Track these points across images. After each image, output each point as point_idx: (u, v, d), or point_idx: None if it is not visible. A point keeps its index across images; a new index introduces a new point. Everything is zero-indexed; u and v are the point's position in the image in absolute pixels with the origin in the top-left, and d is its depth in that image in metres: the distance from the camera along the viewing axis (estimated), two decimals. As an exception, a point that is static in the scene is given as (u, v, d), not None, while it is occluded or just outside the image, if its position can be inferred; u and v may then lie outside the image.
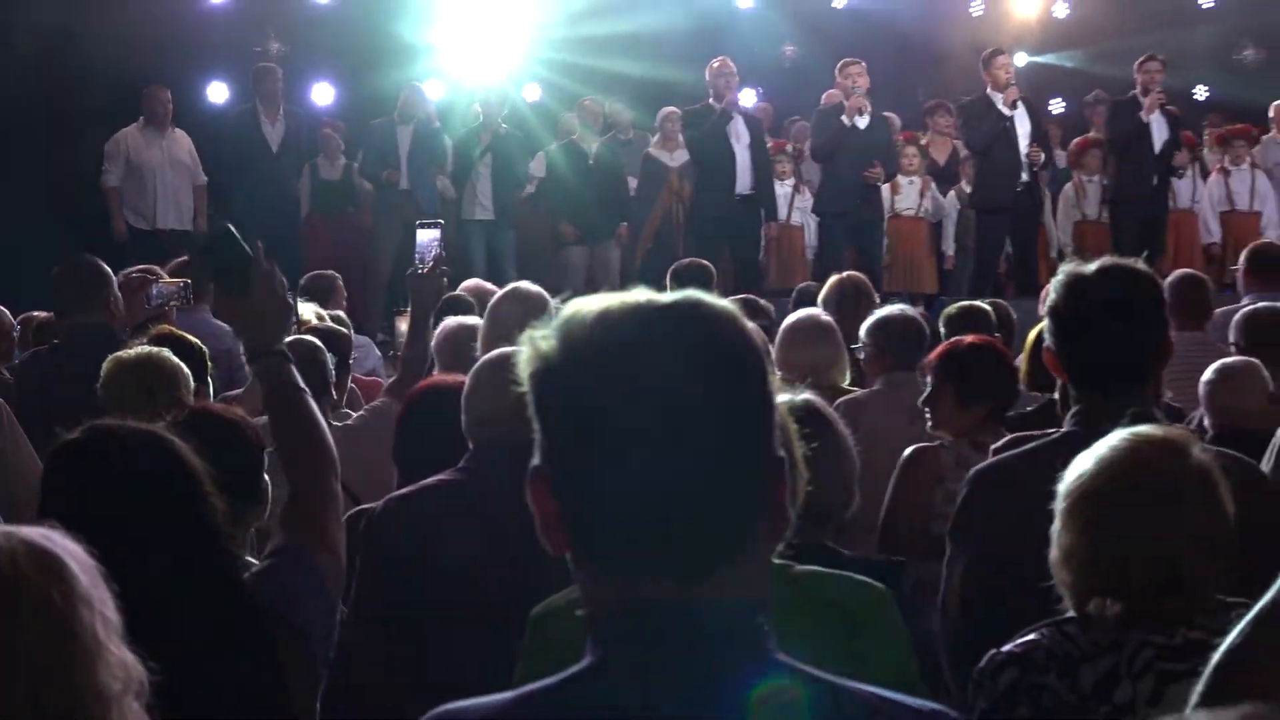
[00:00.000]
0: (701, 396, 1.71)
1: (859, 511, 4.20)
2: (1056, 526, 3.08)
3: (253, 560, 3.63)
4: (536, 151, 15.02)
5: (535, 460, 1.77)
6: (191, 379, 5.05)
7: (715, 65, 13.70)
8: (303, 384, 3.33)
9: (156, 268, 8.46)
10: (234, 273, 3.39)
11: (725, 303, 1.79)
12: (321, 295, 8.73)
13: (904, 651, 3.15)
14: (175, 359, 5.01)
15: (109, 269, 7.16)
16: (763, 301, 8.73)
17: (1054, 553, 3.08)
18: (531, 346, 1.75)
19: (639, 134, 15.39)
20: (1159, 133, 13.86)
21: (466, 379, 4.23)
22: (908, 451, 5.38)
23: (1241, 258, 9.80)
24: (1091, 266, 4.00)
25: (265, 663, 2.95)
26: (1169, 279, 8.44)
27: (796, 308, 7.67)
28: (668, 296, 1.78)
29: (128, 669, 2.04)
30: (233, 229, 3.50)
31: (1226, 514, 3.03)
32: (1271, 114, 15.66)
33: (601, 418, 1.71)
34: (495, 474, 3.70)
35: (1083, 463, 3.10)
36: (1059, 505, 3.08)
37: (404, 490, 4.15)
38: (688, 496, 1.70)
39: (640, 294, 1.78)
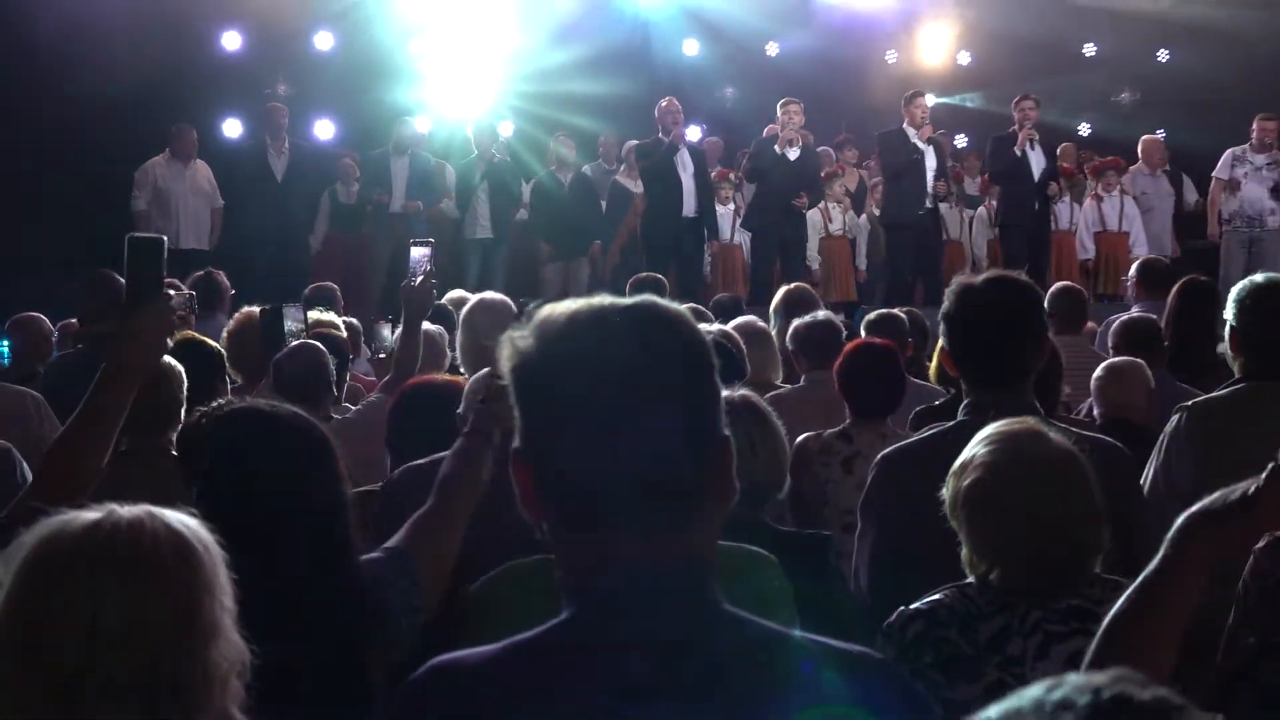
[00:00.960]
0: (658, 384, 1.73)
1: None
2: (953, 505, 3.08)
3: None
4: (523, 178, 14.99)
5: (516, 443, 1.78)
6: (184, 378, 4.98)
7: (664, 104, 13.67)
8: (493, 437, 3.21)
9: (177, 281, 8.49)
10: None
11: (677, 305, 1.81)
12: (323, 304, 8.73)
13: (786, 612, 3.11)
14: (176, 367, 4.92)
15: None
16: (704, 309, 8.71)
17: (956, 527, 3.09)
18: (511, 345, 1.77)
19: (616, 165, 15.35)
20: (1037, 163, 13.90)
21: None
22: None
23: (1132, 270, 9.85)
24: (980, 278, 4.01)
25: (361, 643, 2.92)
26: (1050, 290, 8.50)
27: (719, 317, 7.66)
28: (628, 300, 1.82)
29: (236, 651, 2.03)
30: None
31: (1093, 491, 3.03)
32: (1140, 149, 15.76)
33: (572, 403, 1.73)
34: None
35: (970, 451, 3.10)
36: (955, 487, 3.08)
37: (415, 462, 4.08)
38: (647, 469, 1.71)
39: (604, 298, 1.79)
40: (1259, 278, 4.95)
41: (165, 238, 3.41)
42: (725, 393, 3.92)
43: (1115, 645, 2.27)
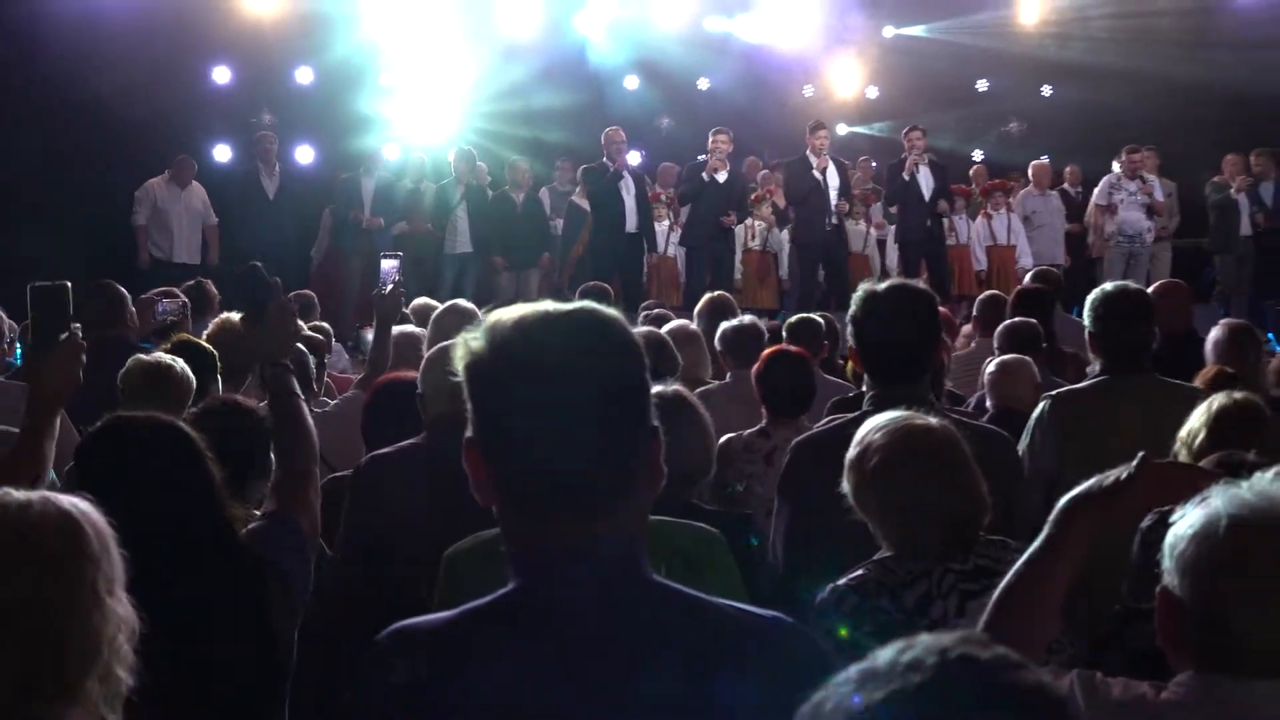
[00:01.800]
0: (594, 380, 1.72)
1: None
2: (859, 488, 3.12)
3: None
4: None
5: (469, 433, 1.77)
6: (192, 378, 4.96)
7: (608, 133, 13.62)
8: (298, 389, 3.31)
9: (175, 290, 8.43)
10: (256, 301, 3.39)
11: (612, 310, 1.81)
12: (304, 309, 8.72)
13: (734, 581, 3.13)
14: (179, 365, 4.91)
15: (126, 291, 7.09)
16: (667, 312, 8.70)
17: (861, 509, 3.12)
18: (464, 346, 1.76)
19: (573, 188, 15.28)
20: (926, 185, 13.94)
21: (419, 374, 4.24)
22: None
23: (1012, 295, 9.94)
24: (882, 285, 4.02)
25: (253, 598, 2.94)
26: (980, 297, 8.55)
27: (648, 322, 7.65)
28: (569, 305, 1.80)
29: (121, 618, 2.01)
30: (259, 267, 3.45)
31: (973, 467, 3.07)
32: (1031, 172, 15.89)
33: (518, 398, 1.72)
34: (444, 442, 3.84)
35: (866, 439, 3.14)
36: (859, 471, 3.11)
37: (382, 450, 4.09)
38: (585, 456, 1.71)
39: (548, 304, 1.79)
40: (1109, 287, 5.05)
41: (70, 284, 3.39)
42: (659, 387, 3.95)
43: (1007, 611, 2.30)
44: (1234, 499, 2.07)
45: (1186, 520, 2.10)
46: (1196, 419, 3.62)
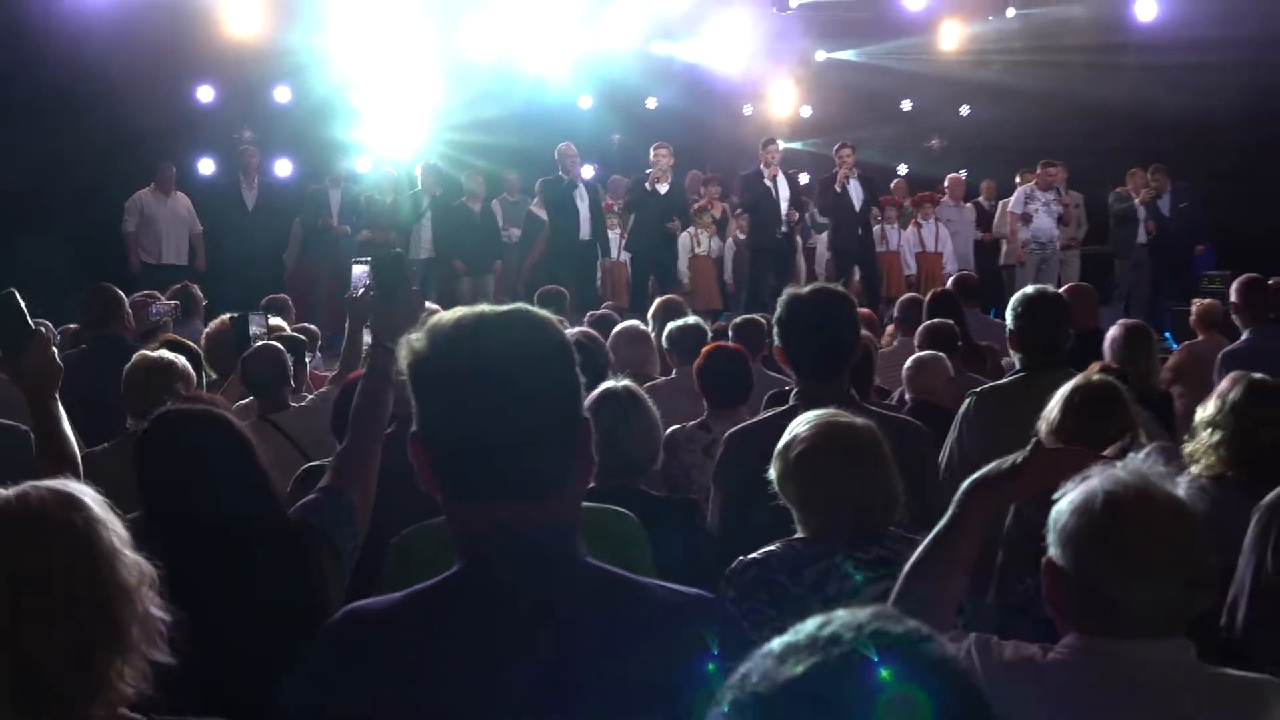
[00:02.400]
0: (526, 375, 1.73)
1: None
2: (783, 476, 3.13)
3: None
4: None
5: (414, 427, 1.77)
6: (191, 372, 4.95)
7: (563, 148, 13.66)
8: (393, 375, 3.12)
9: (156, 293, 8.39)
10: (391, 288, 3.28)
11: (544, 312, 1.80)
12: (278, 310, 8.68)
13: (645, 554, 3.15)
14: (180, 361, 4.90)
15: (122, 293, 7.04)
16: (614, 315, 8.65)
17: (783, 495, 3.13)
18: (407, 346, 1.76)
19: (523, 198, 15.28)
20: (857, 197, 14.01)
21: None
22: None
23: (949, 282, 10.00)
24: (806, 289, 4.05)
25: (304, 566, 2.90)
26: (900, 299, 8.60)
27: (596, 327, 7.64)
28: (504, 307, 1.80)
29: (140, 567, 1.99)
30: (401, 254, 3.41)
31: (889, 462, 3.09)
32: (946, 185, 15.99)
33: (456, 394, 1.73)
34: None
35: (792, 432, 3.16)
36: (784, 460, 3.13)
37: None
38: (520, 446, 1.72)
39: (485, 306, 1.79)
40: (1030, 290, 5.08)
41: (14, 290, 3.31)
42: (612, 383, 3.93)
43: (916, 582, 2.33)
44: (1109, 478, 2.11)
45: (1068, 498, 2.14)
46: (1056, 401, 3.66)
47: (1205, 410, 3.91)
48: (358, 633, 1.77)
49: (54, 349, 3.34)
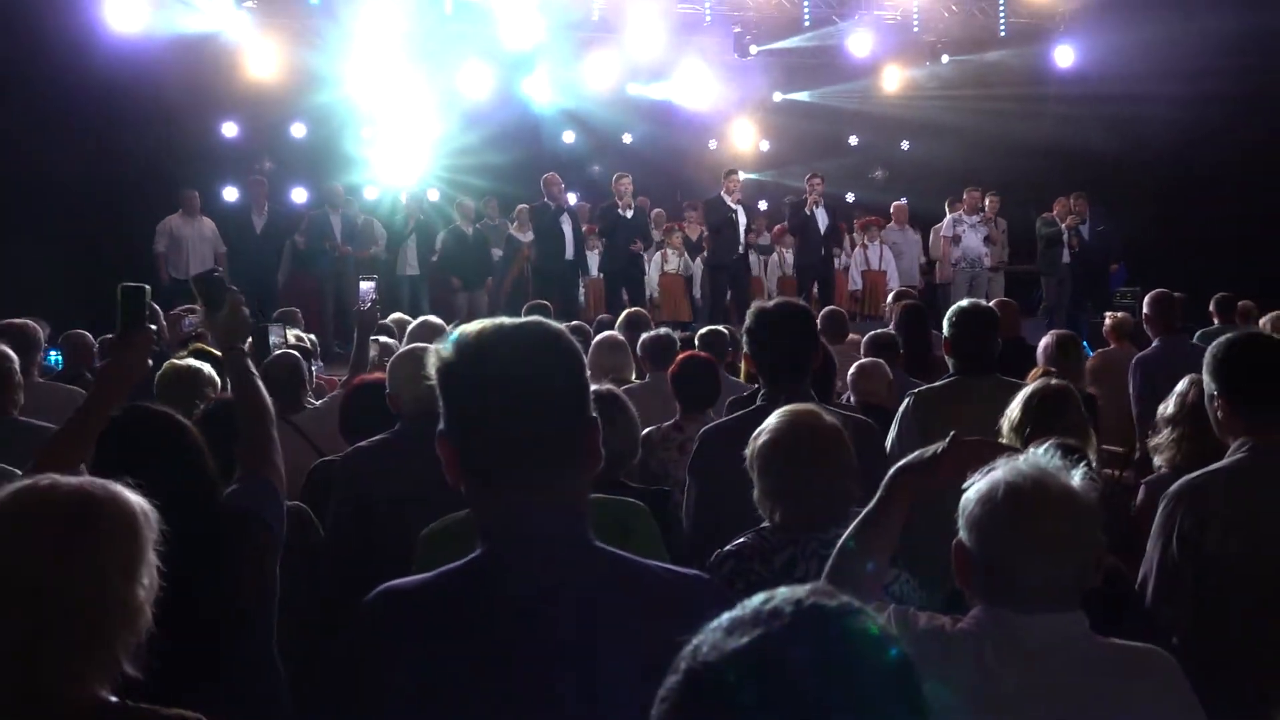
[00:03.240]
0: (542, 378, 1.73)
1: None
2: (751, 462, 3.12)
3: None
4: (439, 232, 14.87)
5: (441, 426, 1.76)
6: (216, 379, 4.95)
7: (547, 178, 13.73)
8: (254, 368, 3.22)
9: (194, 306, 8.33)
10: (215, 298, 3.35)
11: (557, 324, 1.81)
12: (290, 322, 8.65)
13: (659, 546, 3.10)
14: (206, 369, 4.90)
15: (157, 306, 7.02)
16: (585, 325, 8.68)
17: (754, 479, 3.11)
18: (437, 354, 1.75)
19: (502, 221, 15.31)
20: (822, 221, 14.06)
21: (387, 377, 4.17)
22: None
23: (889, 299, 10.02)
24: (771, 302, 4.07)
25: (236, 546, 2.91)
26: (822, 312, 8.63)
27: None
28: (521, 320, 1.80)
29: (144, 568, 1.95)
30: (217, 271, 3.44)
31: (850, 453, 3.09)
32: (892, 211, 16.03)
33: (480, 397, 1.73)
34: (410, 433, 3.79)
35: (764, 428, 3.15)
36: (753, 449, 3.12)
37: (360, 444, 4.04)
38: (535, 441, 1.72)
39: (504, 319, 1.79)
40: (964, 303, 5.08)
41: (148, 286, 3.32)
42: (594, 386, 3.93)
43: (847, 558, 2.33)
44: (1011, 469, 2.13)
45: (975, 487, 2.16)
46: (1016, 404, 3.69)
47: (1166, 409, 3.90)
48: (393, 610, 1.76)
49: (150, 355, 3.32)
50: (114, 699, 1.91)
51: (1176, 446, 3.82)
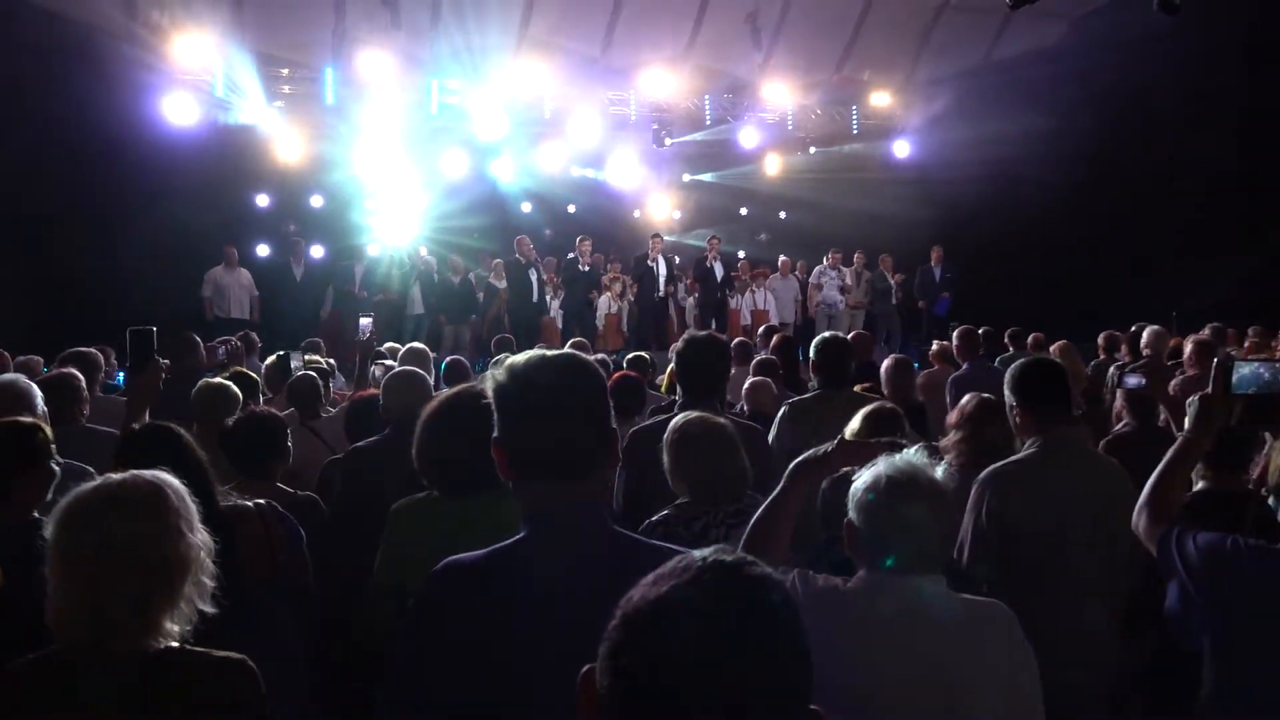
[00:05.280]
0: (576, 396, 1.72)
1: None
2: (668, 456, 3.11)
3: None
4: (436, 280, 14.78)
5: (495, 434, 1.72)
6: (240, 395, 4.80)
7: (520, 240, 13.99)
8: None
9: (232, 339, 8.20)
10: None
11: (587, 355, 1.79)
12: (313, 349, 8.50)
13: None
14: (232, 387, 4.76)
15: (199, 338, 6.90)
16: (606, 358, 8.55)
17: (672, 469, 3.11)
18: (493, 377, 1.73)
19: (480, 271, 15.19)
20: (719, 272, 14.25)
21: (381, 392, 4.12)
22: None
23: (770, 336, 10.02)
24: (700, 334, 4.08)
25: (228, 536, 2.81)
26: (734, 341, 8.63)
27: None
28: (558, 351, 1.79)
29: (203, 543, 1.95)
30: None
31: (738, 447, 3.09)
32: (779, 265, 16.10)
33: (527, 411, 1.70)
34: (395, 435, 3.71)
35: (672, 427, 3.15)
36: (671, 445, 3.11)
37: (357, 444, 4.00)
38: (569, 444, 1.70)
39: (545, 350, 1.77)
40: (825, 334, 5.13)
41: (155, 328, 3.25)
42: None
43: (755, 539, 2.30)
44: (889, 464, 2.14)
45: (861, 478, 2.16)
46: (857, 419, 3.69)
47: (951, 419, 3.95)
48: (454, 581, 1.70)
49: (161, 378, 3.22)
50: (175, 644, 1.89)
51: (961, 445, 3.84)
